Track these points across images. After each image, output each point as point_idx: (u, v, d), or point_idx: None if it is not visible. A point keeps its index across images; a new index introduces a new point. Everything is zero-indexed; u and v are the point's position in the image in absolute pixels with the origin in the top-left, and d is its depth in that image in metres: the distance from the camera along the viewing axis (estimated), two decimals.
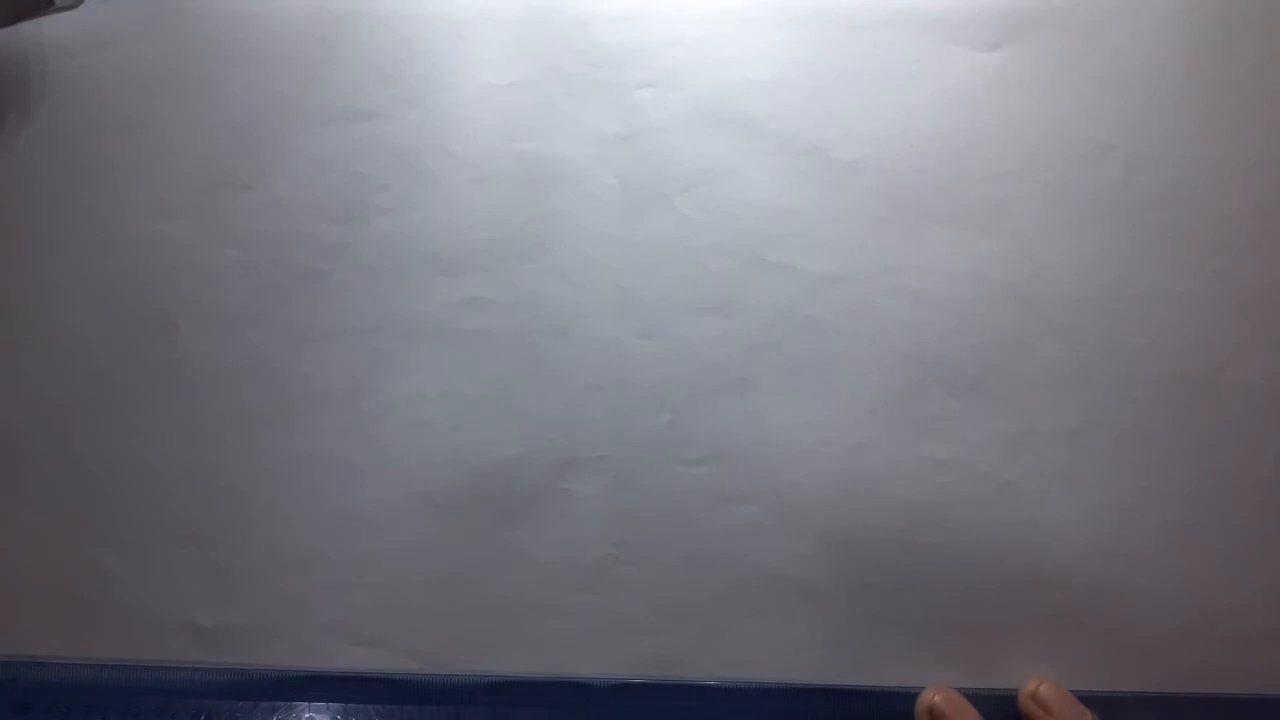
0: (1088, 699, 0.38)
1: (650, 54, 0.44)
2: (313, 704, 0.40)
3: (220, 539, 0.41)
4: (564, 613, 0.41)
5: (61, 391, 0.42)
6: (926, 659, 0.40)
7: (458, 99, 0.43)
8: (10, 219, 0.43)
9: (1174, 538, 0.41)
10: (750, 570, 0.41)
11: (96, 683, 0.40)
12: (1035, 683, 0.39)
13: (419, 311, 0.42)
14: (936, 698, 0.38)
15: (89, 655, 0.40)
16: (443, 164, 0.43)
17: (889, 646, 0.40)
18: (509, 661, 0.40)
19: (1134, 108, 0.43)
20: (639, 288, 0.42)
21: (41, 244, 0.43)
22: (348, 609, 0.41)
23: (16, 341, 0.42)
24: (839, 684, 0.40)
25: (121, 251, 0.43)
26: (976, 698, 0.39)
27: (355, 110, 0.43)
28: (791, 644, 0.40)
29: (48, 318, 0.42)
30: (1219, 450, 0.41)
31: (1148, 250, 0.42)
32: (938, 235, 0.42)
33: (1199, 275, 0.42)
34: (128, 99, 0.44)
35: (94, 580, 0.41)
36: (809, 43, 0.43)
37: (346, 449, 0.42)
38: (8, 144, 0.43)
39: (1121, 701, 0.40)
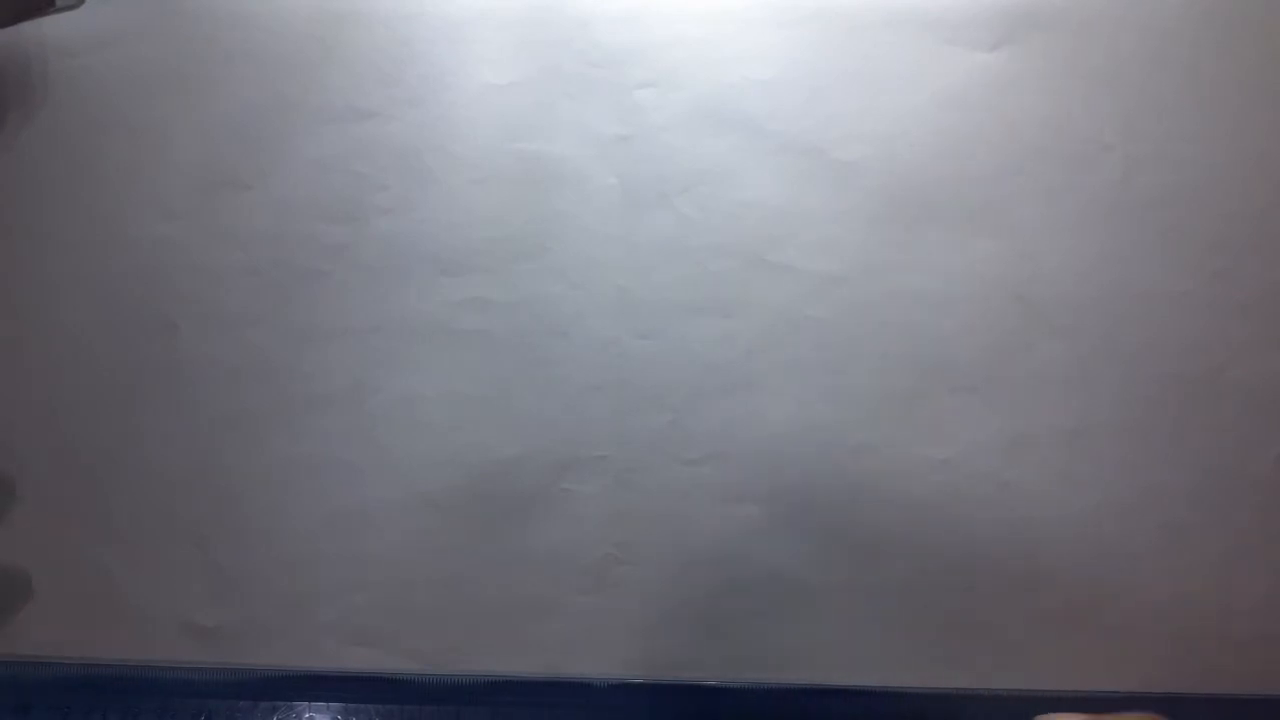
0: (1089, 700, 0.38)
1: (650, 54, 0.43)
2: (313, 704, 0.40)
3: (220, 539, 0.41)
4: (564, 613, 0.41)
5: (61, 391, 0.42)
6: (927, 659, 0.40)
7: (458, 99, 0.43)
8: (10, 219, 0.43)
9: (1174, 538, 0.41)
10: (750, 570, 0.41)
11: (97, 683, 0.40)
12: None
13: (419, 311, 0.42)
14: None
15: (89, 655, 0.40)
16: (443, 164, 0.43)
17: (890, 647, 0.40)
18: (509, 661, 0.40)
19: (1134, 108, 0.43)
20: (639, 288, 0.42)
21: (41, 244, 0.43)
22: (348, 609, 0.41)
23: (16, 341, 0.42)
24: (840, 684, 0.40)
25: (121, 251, 0.43)
26: (978, 698, 0.39)
27: (355, 110, 0.43)
28: (791, 644, 0.40)
29: (48, 318, 0.42)
30: (1219, 450, 0.41)
31: (1148, 250, 0.42)
32: (938, 235, 0.42)
33: (1199, 275, 0.42)
34: (128, 99, 0.44)
35: (94, 580, 0.41)
36: (809, 43, 0.43)
37: (347, 449, 0.42)
38: (8, 144, 0.43)
39: (1122, 701, 0.40)
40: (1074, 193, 0.42)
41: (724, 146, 0.43)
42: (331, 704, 0.40)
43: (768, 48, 0.43)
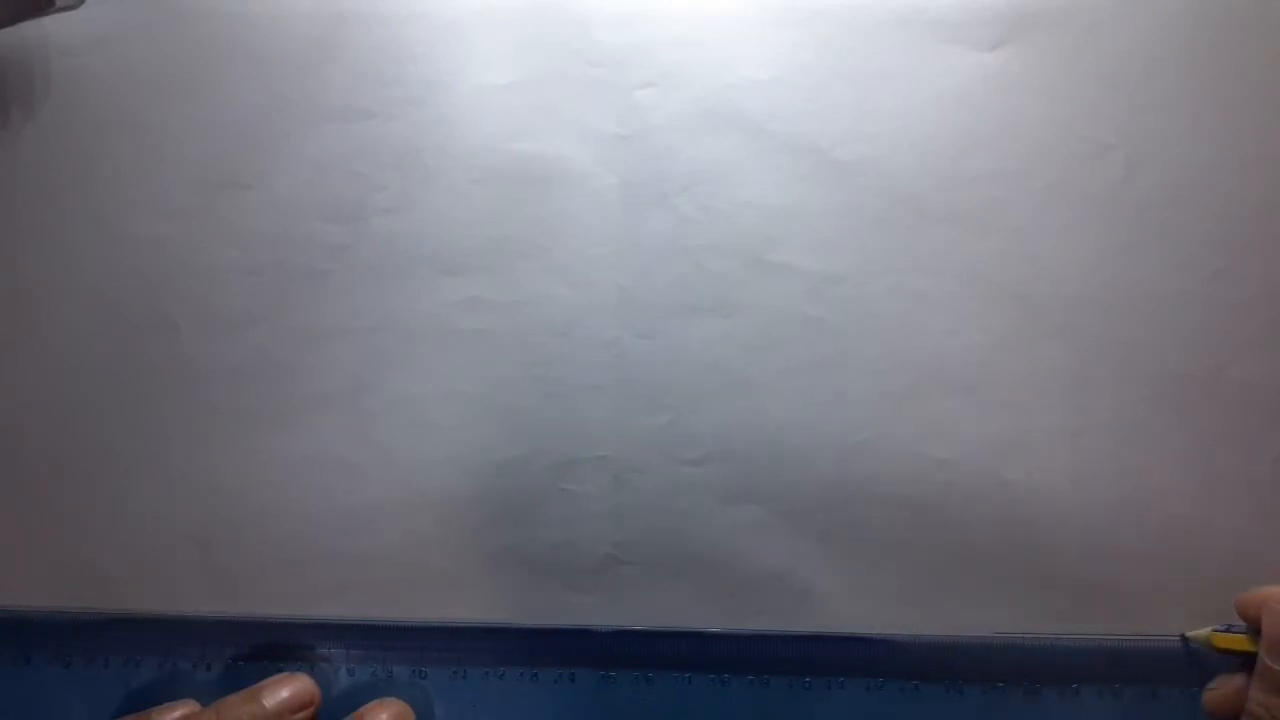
0: None
1: (650, 54, 0.44)
2: (317, 650, 0.40)
3: (220, 539, 0.41)
4: (564, 613, 0.41)
5: (61, 391, 0.42)
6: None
7: (458, 99, 0.43)
8: (10, 219, 0.43)
9: (1174, 538, 0.41)
10: (750, 570, 0.41)
11: (98, 631, 0.40)
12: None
13: (419, 311, 0.42)
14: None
15: (89, 605, 0.41)
16: (443, 164, 0.43)
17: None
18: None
19: (1134, 108, 0.43)
20: (639, 288, 0.42)
21: (41, 244, 0.43)
22: (347, 609, 0.41)
23: (17, 341, 0.42)
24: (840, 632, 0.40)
25: (121, 251, 0.43)
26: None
27: (355, 110, 0.43)
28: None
29: (48, 318, 0.43)
30: (1219, 450, 0.41)
31: (1147, 250, 0.42)
32: (938, 235, 0.42)
33: (1199, 275, 0.42)
34: (128, 98, 0.44)
35: (94, 580, 0.41)
36: (809, 43, 0.43)
37: (347, 449, 0.42)
38: (8, 143, 0.43)
39: None
40: (1074, 193, 0.42)
41: (724, 146, 0.43)
42: (334, 650, 0.40)
43: (768, 48, 0.43)
